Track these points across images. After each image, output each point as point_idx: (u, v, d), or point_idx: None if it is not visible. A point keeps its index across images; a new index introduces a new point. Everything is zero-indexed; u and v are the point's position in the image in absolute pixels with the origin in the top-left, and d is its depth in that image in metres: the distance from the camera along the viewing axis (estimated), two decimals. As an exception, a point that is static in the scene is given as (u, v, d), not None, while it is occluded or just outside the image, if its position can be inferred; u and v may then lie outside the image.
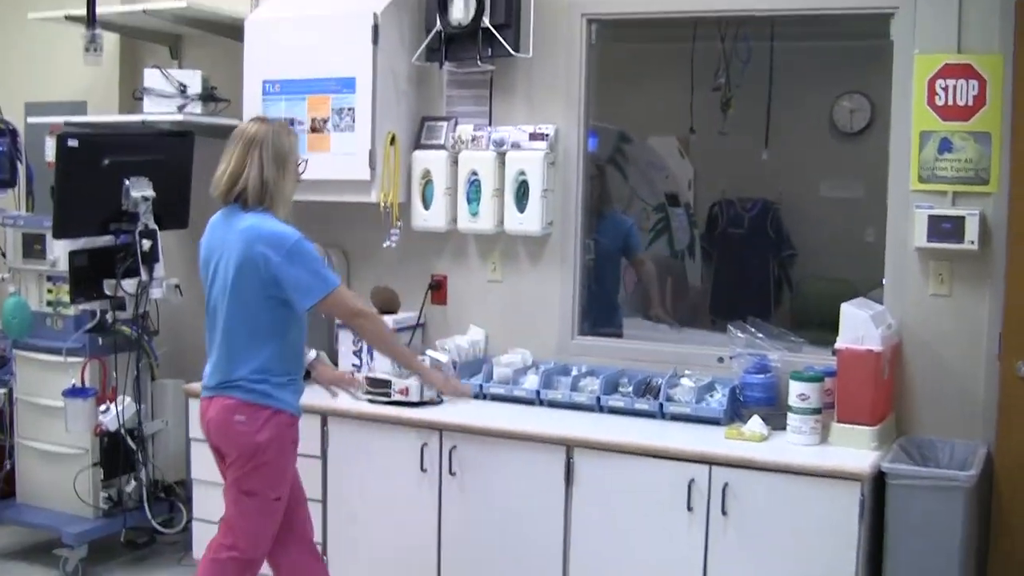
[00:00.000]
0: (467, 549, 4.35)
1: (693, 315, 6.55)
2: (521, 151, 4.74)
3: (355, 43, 4.73)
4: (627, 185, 6.52)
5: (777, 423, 4.12)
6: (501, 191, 4.78)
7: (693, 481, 3.94)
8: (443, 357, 4.67)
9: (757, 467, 3.86)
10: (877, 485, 3.81)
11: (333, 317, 3.99)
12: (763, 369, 4.29)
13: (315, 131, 4.84)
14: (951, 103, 4.12)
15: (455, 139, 4.88)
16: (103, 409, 4.97)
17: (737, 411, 4.30)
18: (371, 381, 4.51)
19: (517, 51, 4.71)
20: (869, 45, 4.60)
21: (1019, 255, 4.02)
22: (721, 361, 4.53)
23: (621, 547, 4.08)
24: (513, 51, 4.69)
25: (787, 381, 4.10)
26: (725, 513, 3.90)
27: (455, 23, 4.71)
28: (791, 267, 6.58)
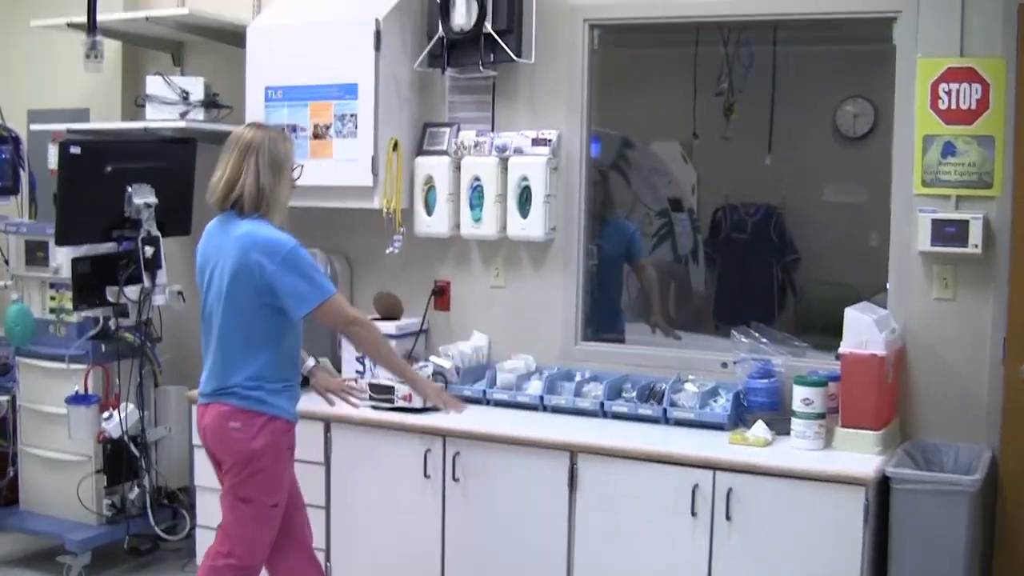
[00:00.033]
0: (471, 555, 4.34)
1: (697, 320, 6.55)
2: (524, 156, 4.74)
3: (357, 49, 4.73)
4: (630, 190, 6.53)
5: (781, 428, 4.11)
6: (504, 197, 4.77)
7: (697, 486, 3.93)
8: (446, 363, 4.68)
9: (761, 472, 3.85)
10: (881, 490, 3.80)
11: (328, 325, 3.94)
12: (767, 374, 4.28)
13: (317, 137, 4.84)
14: (954, 107, 4.12)
15: (458, 145, 4.88)
16: (106, 416, 4.97)
17: (741, 416, 4.29)
18: (374, 387, 4.50)
19: (519, 56, 4.71)
20: (872, 49, 4.61)
21: (1023, 259, 4.01)
22: (725, 366, 4.52)
23: (625, 553, 4.07)
24: (515, 56, 4.69)
25: (791, 386, 4.09)
26: (729, 518, 3.89)
27: (457, 29, 4.71)
28: (795, 272, 6.57)
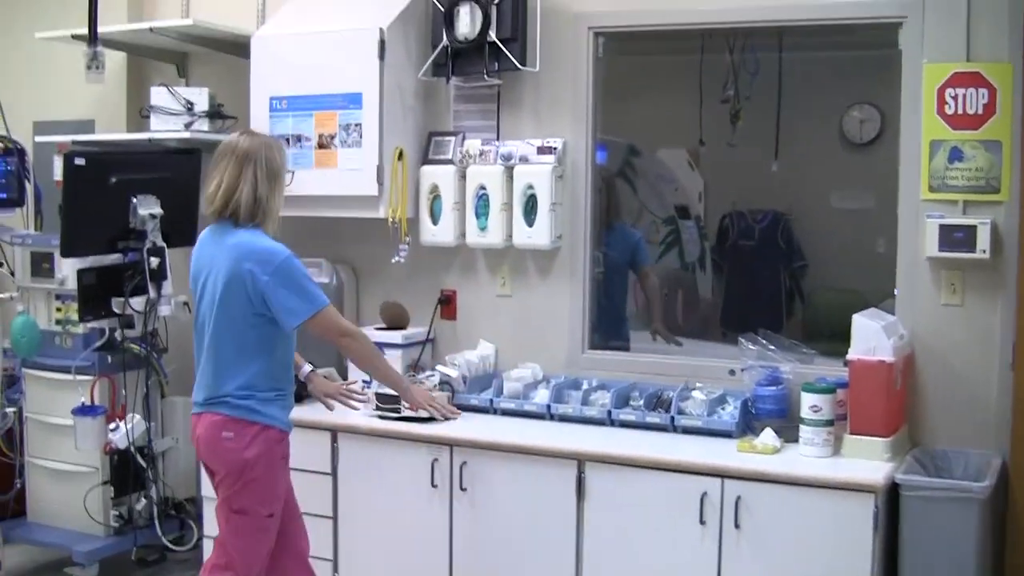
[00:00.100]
0: (478, 565, 4.32)
1: (704, 327, 6.53)
2: (529, 165, 4.73)
3: (361, 59, 4.72)
4: (637, 198, 6.52)
5: (789, 435, 4.10)
6: (509, 205, 4.77)
7: (706, 494, 3.91)
8: (453, 372, 4.67)
9: (770, 480, 3.84)
10: (891, 497, 3.78)
11: (320, 336, 3.91)
12: (775, 381, 4.27)
13: (322, 147, 4.84)
14: (961, 112, 4.10)
15: (463, 154, 4.87)
16: (112, 427, 4.97)
17: (749, 424, 4.27)
18: (380, 397, 4.49)
19: (524, 65, 4.70)
20: (878, 55, 4.58)
21: (1031, 263, 4.00)
22: (733, 374, 4.50)
23: (634, 562, 4.05)
24: (520, 65, 4.68)
25: (799, 393, 4.08)
26: (738, 526, 3.88)
27: (461, 38, 4.70)
28: (802, 278, 6.55)
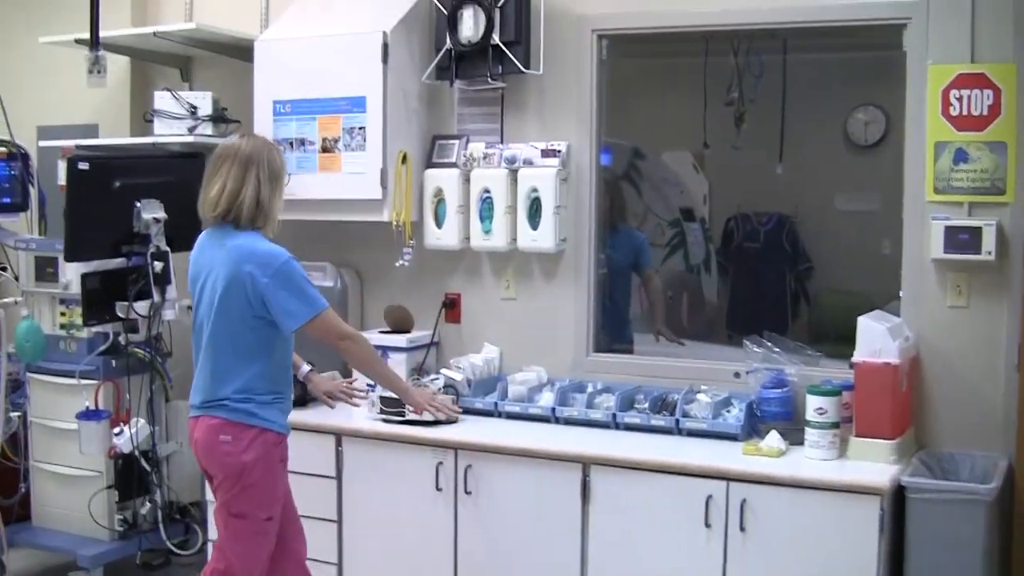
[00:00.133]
0: (483, 568, 4.32)
1: (709, 330, 6.53)
2: (533, 168, 4.72)
3: (365, 62, 4.72)
4: (641, 201, 6.51)
5: (795, 438, 4.08)
6: (514, 208, 4.76)
7: (711, 497, 3.90)
8: (458, 376, 4.66)
9: (775, 483, 3.83)
10: (897, 499, 3.77)
11: (319, 340, 3.91)
12: (780, 383, 4.26)
13: (326, 151, 4.83)
14: (965, 113, 4.09)
15: (467, 157, 4.87)
16: (117, 431, 4.96)
17: (754, 426, 4.27)
18: (385, 400, 4.48)
19: (527, 68, 4.69)
20: (882, 56, 4.58)
21: (1037, 265, 3.99)
22: (738, 376, 4.50)
23: (639, 565, 4.04)
24: (523, 68, 4.68)
25: (804, 395, 4.07)
26: (743, 529, 3.87)
27: (465, 41, 4.70)
28: (807, 281, 6.55)
